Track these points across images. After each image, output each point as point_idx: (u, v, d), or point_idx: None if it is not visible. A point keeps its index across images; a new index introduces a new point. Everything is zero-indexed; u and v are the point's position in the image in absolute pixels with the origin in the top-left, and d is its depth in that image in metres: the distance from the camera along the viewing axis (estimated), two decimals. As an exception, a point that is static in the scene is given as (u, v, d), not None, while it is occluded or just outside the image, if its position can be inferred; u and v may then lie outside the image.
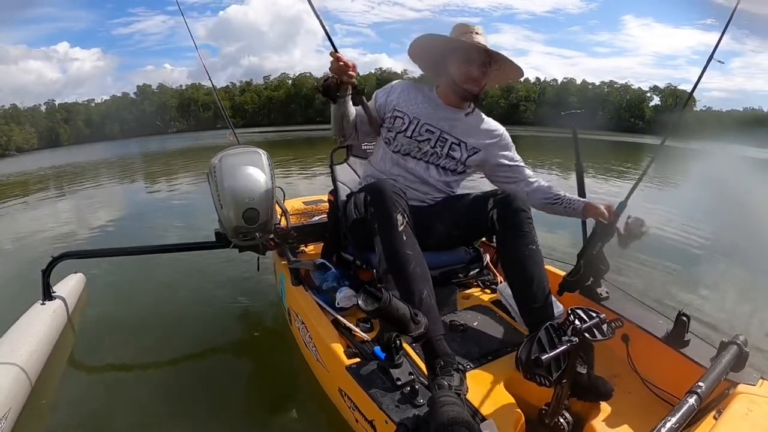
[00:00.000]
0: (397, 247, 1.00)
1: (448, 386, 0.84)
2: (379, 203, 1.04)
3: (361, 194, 1.16)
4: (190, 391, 1.40)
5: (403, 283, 0.98)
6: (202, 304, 2.00)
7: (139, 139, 28.08)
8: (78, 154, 17.80)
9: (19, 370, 1.27)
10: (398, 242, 1.01)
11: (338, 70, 1.12)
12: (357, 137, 1.36)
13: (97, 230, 3.66)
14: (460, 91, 1.30)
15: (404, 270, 0.99)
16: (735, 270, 2.61)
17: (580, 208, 1.27)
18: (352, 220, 1.29)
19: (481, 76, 1.27)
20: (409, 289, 0.97)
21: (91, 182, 7.49)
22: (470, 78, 1.26)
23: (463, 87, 1.28)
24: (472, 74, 1.26)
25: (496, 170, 1.37)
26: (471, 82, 1.27)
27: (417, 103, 1.33)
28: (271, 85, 53.29)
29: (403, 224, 1.02)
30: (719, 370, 0.86)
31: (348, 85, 1.16)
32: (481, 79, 1.28)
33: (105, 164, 11.46)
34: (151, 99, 47.18)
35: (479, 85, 1.28)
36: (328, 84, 1.16)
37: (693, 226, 3.63)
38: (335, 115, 1.26)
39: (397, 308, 1.13)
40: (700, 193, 6.02)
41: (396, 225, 1.01)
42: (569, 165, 7.87)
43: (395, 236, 1.01)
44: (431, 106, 1.33)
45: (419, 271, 1.00)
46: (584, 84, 50.04)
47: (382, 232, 1.03)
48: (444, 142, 1.32)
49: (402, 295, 0.96)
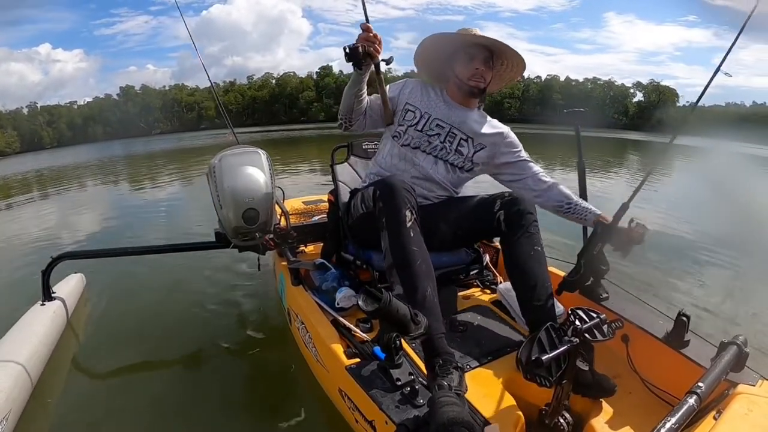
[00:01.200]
0: (404, 243, 1.01)
1: (448, 386, 0.84)
2: (388, 198, 1.05)
3: (369, 188, 1.16)
4: (189, 390, 1.40)
5: (408, 279, 0.99)
6: (201, 305, 2.00)
7: (123, 141, 27.84)
8: (64, 156, 17.70)
9: (19, 371, 1.27)
10: (405, 238, 1.01)
11: (368, 40, 1.13)
12: (365, 124, 1.36)
13: (96, 231, 3.66)
14: (467, 88, 1.34)
15: (410, 266, 0.99)
16: (735, 270, 2.61)
17: (590, 221, 1.28)
18: (357, 216, 1.30)
19: (485, 71, 1.32)
20: (413, 285, 0.98)
21: (88, 184, 7.49)
22: (475, 74, 1.31)
23: (468, 84, 1.32)
24: (476, 69, 1.30)
25: (502, 168, 1.39)
26: (476, 77, 1.31)
27: (429, 100, 1.37)
28: (254, 85, 53.22)
29: (411, 221, 1.03)
30: (719, 371, 0.86)
31: (373, 57, 1.15)
32: (485, 73, 1.32)
33: (95, 166, 11.43)
34: (134, 100, 46.94)
35: (484, 81, 1.33)
36: (356, 47, 1.13)
37: (692, 224, 3.63)
38: (350, 87, 1.25)
39: (397, 308, 1.13)
40: (697, 190, 6.03)
41: (404, 221, 1.02)
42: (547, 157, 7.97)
43: (402, 232, 1.02)
44: (442, 103, 1.37)
45: (424, 268, 1.00)
46: (568, 81, 50.49)
47: (389, 227, 1.03)
48: (453, 138, 1.34)
49: (405, 291, 0.97)
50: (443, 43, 1.33)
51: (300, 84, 52.50)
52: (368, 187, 1.20)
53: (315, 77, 53.20)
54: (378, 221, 1.07)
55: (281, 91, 51.43)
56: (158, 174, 8.15)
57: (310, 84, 52.29)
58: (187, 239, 2.05)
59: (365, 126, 1.36)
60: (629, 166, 8.97)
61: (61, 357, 1.55)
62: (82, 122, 43.01)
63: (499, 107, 46.41)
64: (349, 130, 1.36)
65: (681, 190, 5.82)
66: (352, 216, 1.35)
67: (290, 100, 50.81)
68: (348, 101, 1.28)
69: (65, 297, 1.79)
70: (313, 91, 51.31)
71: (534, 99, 48.65)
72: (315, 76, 53.39)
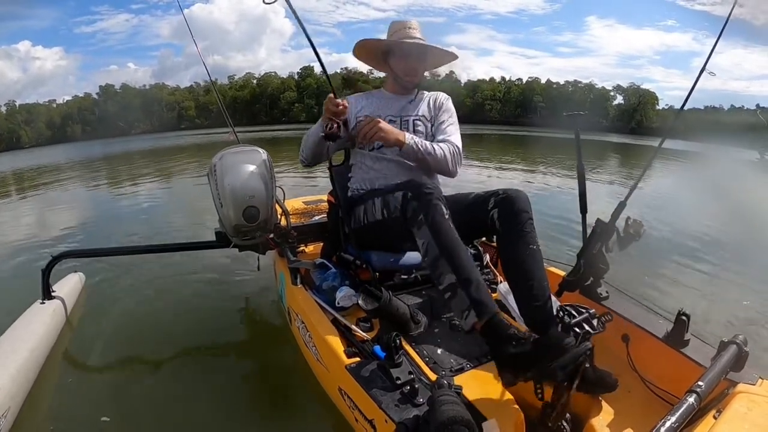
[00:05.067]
0: (449, 233, 1.03)
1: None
2: (423, 196, 1.08)
3: (396, 194, 1.18)
4: (189, 390, 1.40)
5: (461, 267, 0.99)
6: (201, 304, 2.00)
7: (103, 141, 27.61)
8: (48, 155, 17.58)
9: (18, 369, 1.27)
10: (448, 229, 1.04)
11: (337, 114, 1.24)
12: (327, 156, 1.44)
13: (96, 230, 3.66)
14: (403, 83, 1.47)
15: (459, 255, 1.01)
16: (735, 270, 2.61)
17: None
18: (369, 222, 1.30)
19: (418, 67, 1.45)
20: (463, 271, 0.99)
21: (87, 183, 7.49)
22: (409, 71, 1.44)
23: (404, 80, 1.46)
24: (410, 67, 1.44)
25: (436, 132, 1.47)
26: (410, 74, 1.45)
27: (373, 104, 1.49)
28: (235, 85, 53.13)
29: (447, 213, 1.06)
30: (719, 370, 0.86)
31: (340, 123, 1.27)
32: (419, 69, 1.46)
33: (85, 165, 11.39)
34: (114, 99, 46.77)
35: (418, 76, 1.47)
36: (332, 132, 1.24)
37: (691, 225, 3.64)
38: (318, 143, 1.35)
39: (397, 307, 1.14)
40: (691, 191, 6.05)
41: (444, 213, 1.05)
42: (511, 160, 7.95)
43: (444, 223, 1.04)
44: (385, 100, 1.50)
45: (468, 256, 1.03)
46: (549, 83, 51.02)
47: (430, 221, 1.04)
48: (407, 124, 1.46)
49: (459, 278, 0.98)
50: (375, 45, 1.46)
51: (281, 84, 52.51)
52: (390, 194, 1.21)
53: (296, 78, 53.19)
54: (412, 221, 1.09)
55: (262, 92, 51.45)
56: (157, 174, 8.16)
57: (292, 84, 52.30)
58: (187, 238, 2.06)
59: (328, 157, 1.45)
60: (610, 168, 8.95)
61: (60, 355, 1.55)
62: (61, 121, 42.70)
63: (480, 109, 46.86)
64: (312, 167, 1.51)
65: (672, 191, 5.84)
66: (358, 222, 1.36)
67: (271, 100, 50.85)
68: (314, 151, 1.40)
69: (65, 296, 1.79)
70: (294, 91, 51.35)
71: (515, 101, 49.35)
72: (296, 76, 53.40)
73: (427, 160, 1.34)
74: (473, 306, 0.94)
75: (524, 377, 0.86)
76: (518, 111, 48.37)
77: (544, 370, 0.83)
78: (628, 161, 10.57)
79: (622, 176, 6.32)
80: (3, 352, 1.32)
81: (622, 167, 9.18)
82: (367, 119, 1.29)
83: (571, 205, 1.35)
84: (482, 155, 10.21)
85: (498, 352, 0.91)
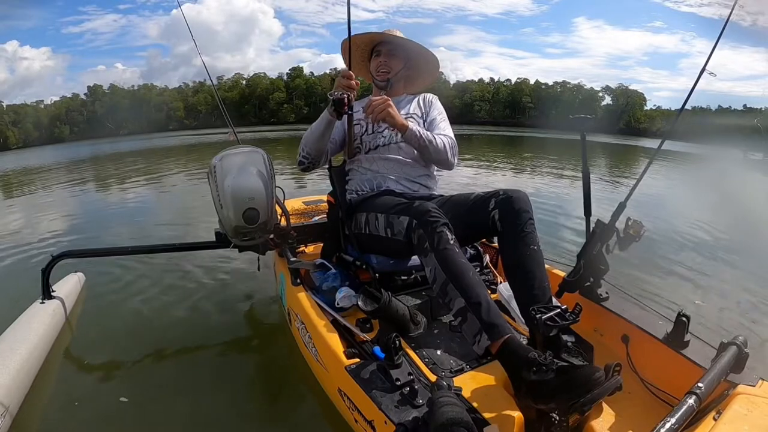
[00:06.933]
0: (453, 257, 1.03)
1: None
2: (426, 224, 1.08)
3: (401, 218, 1.17)
4: (188, 390, 1.40)
5: (467, 288, 0.99)
6: (201, 304, 2.00)
7: (92, 142, 27.39)
8: (37, 157, 17.40)
9: (17, 368, 1.27)
10: (452, 253, 1.04)
11: (350, 88, 1.25)
12: (327, 158, 1.48)
13: (96, 230, 3.66)
14: (377, 82, 1.52)
15: (464, 277, 1.01)
16: (735, 270, 2.60)
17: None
18: (375, 234, 1.29)
19: (389, 60, 1.49)
20: (472, 294, 0.98)
21: (87, 182, 7.49)
22: (378, 67, 1.49)
23: (376, 78, 1.51)
24: (378, 62, 1.49)
25: (428, 128, 1.48)
26: (380, 70, 1.49)
27: (362, 109, 1.48)
28: (224, 85, 52.93)
29: (453, 239, 1.06)
30: (719, 371, 0.86)
31: (352, 97, 1.27)
32: (388, 62, 1.49)
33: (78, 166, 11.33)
34: (102, 100, 46.55)
35: (391, 69, 1.49)
36: (342, 98, 1.24)
37: (691, 224, 3.63)
38: (323, 134, 1.37)
39: (397, 308, 1.14)
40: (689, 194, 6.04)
41: (447, 239, 1.05)
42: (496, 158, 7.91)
43: (448, 248, 1.04)
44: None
45: (477, 278, 1.02)
46: (537, 84, 51.15)
47: (435, 248, 1.05)
48: None
49: (467, 300, 0.98)
50: (354, 51, 1.49)
51: (270, 85, 52.34)
52: (396, 216, 1.19)
53: (285, 78, 53.04)
54: (418, 249, 1.10)
55: (251, 92, 51.29)
56: (157, 173, 8.15)
57: (281, 85, 52.14)
58: (187, 238, 2.05)
59: (327, 160, 1.47)
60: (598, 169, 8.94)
61: (59, 355, 1.55)
62: (49, 122, 42.41)
63: (469, 109, 46.93)
64: (310, 170, 1.48)
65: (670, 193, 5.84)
66: (358, 228, 1.37)
67: (260, 101, 50.75)
68: (318, 145, 1.39)
69: (64, 296, 1.79)
70: (283, 92, 51.23)
71: (504, 101, 49.60)
72: (286, 77, 53.29)
73: (428, 148, 1.35)
74: (484, 329, 0.93)
75: (545, 407, 0.84)
76: (507, 111, 48.58)
77: (571, 405, 0.79)
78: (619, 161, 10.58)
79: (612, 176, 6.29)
80: (3, 351, 1.32)
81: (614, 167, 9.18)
82: (381, 97, 1.30)
83: (567, 206, 1.35)
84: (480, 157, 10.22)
85: (516, 376, 0.88)
